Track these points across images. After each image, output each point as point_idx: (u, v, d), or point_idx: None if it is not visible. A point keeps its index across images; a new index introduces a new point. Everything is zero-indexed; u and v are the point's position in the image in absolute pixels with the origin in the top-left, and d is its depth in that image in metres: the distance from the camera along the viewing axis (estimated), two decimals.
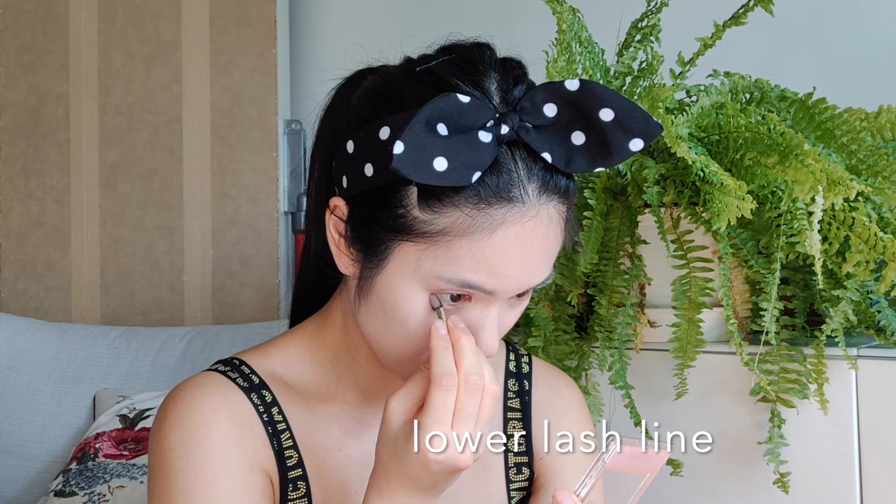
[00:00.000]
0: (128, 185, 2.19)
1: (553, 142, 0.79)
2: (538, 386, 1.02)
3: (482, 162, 0.77)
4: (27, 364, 1.94)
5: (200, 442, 0.85)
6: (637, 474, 0.77)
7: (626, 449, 0.74)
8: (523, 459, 0.99)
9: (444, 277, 0.79)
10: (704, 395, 1.26)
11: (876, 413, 1.17)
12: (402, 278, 0.81)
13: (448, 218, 0.79)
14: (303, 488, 0.89)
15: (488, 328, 0.82)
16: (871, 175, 1.20)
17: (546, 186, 0.80)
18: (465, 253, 0.79)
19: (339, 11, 2.24)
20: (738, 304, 1.28)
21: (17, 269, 2.22)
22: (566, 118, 0.79)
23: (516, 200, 0.79)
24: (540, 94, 0.79)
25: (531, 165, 0.79)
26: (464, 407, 0.77)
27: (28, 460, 1.88)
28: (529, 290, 0.85)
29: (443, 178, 0.76)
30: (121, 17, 2.21)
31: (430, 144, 0.75)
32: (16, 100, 2.24)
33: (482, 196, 0.78)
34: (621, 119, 0.78)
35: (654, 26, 1.33)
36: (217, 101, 2.16)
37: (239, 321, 2.12)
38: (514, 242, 0.79)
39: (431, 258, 0.80)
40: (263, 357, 0.94)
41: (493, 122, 0.78)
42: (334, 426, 0.92)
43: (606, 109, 0.78)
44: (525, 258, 0.80)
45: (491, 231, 0.78)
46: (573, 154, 0.79)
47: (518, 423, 1.00)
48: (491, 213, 0.78)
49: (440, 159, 0.75)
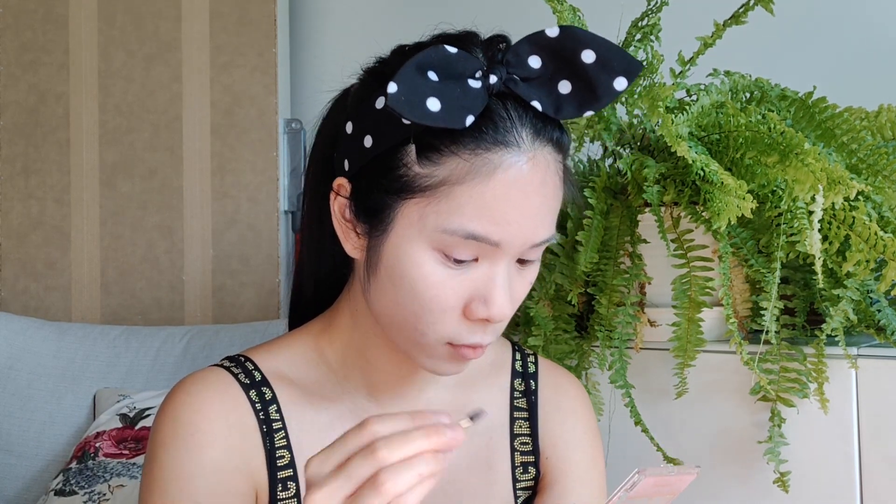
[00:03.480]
0: (128, 185, 2.19)
1: (541, 92, 0.81)
2: (544, 385, 1.03)
3: (474, 106, 0.79)
4: (27, 363, 1.94)
5: (187, 438, 0.87)
6: (660, 497, 0.77)
7: (651, 480, 0.73)
8: (529, 459, 0.99)
9: (448, 230, 0.80)
10: (704, 395, 1.26)
11: (876, 413, 1.17)
12: (408, 241, 0.82)
13: (447, 167, 0.80)
14: (293, 488, 0.89)
15: (499, 286, 0.82)
16: (872, 174, 1.20)
17: (539, 133, 0.82)
18: (466, 201, 0.79)
19: (339, 11, 2.24)
20: (738, 303, 1.28)
21: (17, 269, 2.22)
22: (552, 69, 0.81)
23: (512, 144, 0.80)
24: (523, 46, 0.82)
25: (522, 114, 0.81)
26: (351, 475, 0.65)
27: (28, 459, 1.88)
28: (536, 259, 0.85)
29: (437, 119, 0.77)
30: (121, 17, 2.21)
31: (423, 86, 0.77)
32: (16, 99, 2.24)
33: (478, 141, 0.80)
34: (603, 59, 0.80)
35: (655, 25, 1.33)
36: (217, 100, 2.16)
37: (239, 321, 2.12)
38: (513, 185, 0.80)
39: (434, 212, 0.80)
40: (269, 355, 0.94)
41: (482, 73, 0.80)
42: (337, 427, 0.92)
43: (588, 51, 0.80)
44: (526, 204, 0.81)
45: (489, 174, 0.79)
46: (561, 102, 0.81)
47: (524, 423, 1.00)
48: (488, 157, 0.80)
49: (433, 100, 0.77)
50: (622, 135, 1.34)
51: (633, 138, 1.35)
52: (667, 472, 0.74)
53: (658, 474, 0.73)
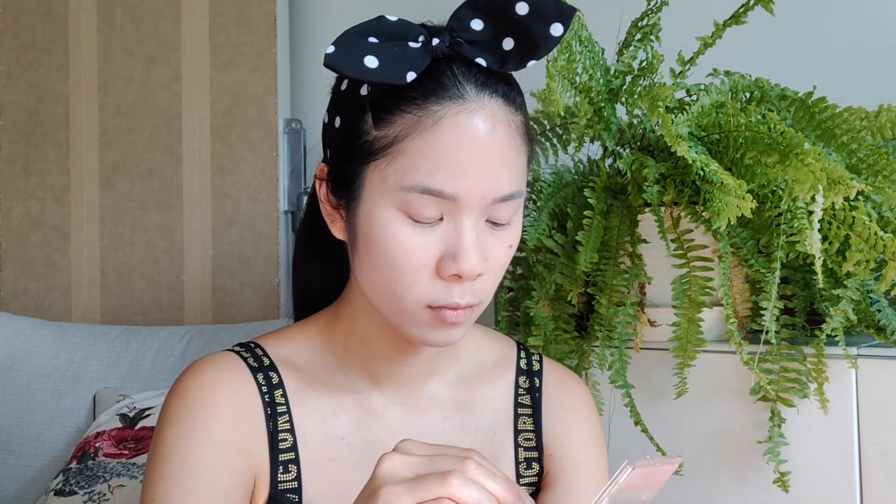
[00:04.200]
0: (128, 185, 2.19)
1: (486, 51, 0.84)
2: (548, 384, 1.03)
3: (416, 64, 0.82)
4: (27, 363, 1.94)
5: (193, 414, 0.89)
6: (647, 489, 0.78)
7: (640, 471, 0.74)
8: (533, 455, 1.00)
9: (405, 186, 0.82)
10: (704, 395, 1.26)
11: (876, 412, 1.17)
12: (376, 205, 0.84)
13: (398, 125, 0.83)
14: (294, 471, 0.91)
15: (465, 241, 0.83)
16: (872, 174, 1.20)
17: (484, 86, 0.84)
18: (418, 155, 0.82)
19: (339, 11, 2.24)
20: (738, 303, 1.28)
21: (17, 269, 2.22)
22: (494, 29, 0.84)
23: (455, 96, 0.83)
24: (464, 11, 0.84)
25: (466, 70, 0.84)
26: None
27: (28, 459, 1.87)
28: (509, 221, 0.86)
29: (375, 74, 0.81)
30: (120, 17, 2.21)
31: (361, 46, 0.81)
32: (16, 99, 2.24)
33: (424, 96, 0.83)
34: (536, 8, 0.83)
35: (655, 25, 1.33)
36: (217, 100, 2.16)
37: (239, 320, 2.12)
38: (461, 135, 0.82)
39: (393, 172, 0.83)
40: (278, 342, 0.97)
41: (425, 38, 0.84)
42: (340, 415, 0.94)
43: (521, 3, 0.83)
44: (478, 154, 0.82)
45: (435, 124, 0.82)
46: (506, 57, 0.84)
47: (528, 419, 1.01)
48: (433, 109, 0.82)
49: (370, 57, 0.81)
50: (622, 135, 1.34)
51: (633, 138, 1.35)
52: (654, 462, 0.75)
53: (647, 465, 0.74)
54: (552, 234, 1.32)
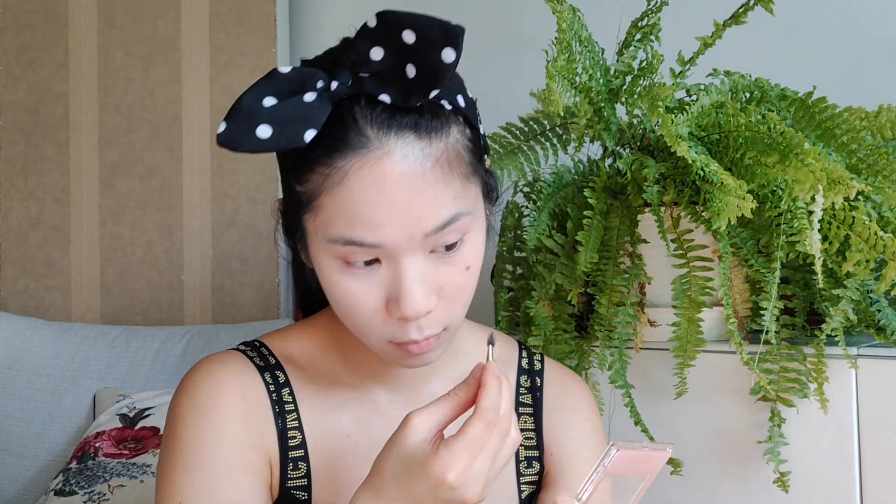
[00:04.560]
0: (127, 185, 2.19)
1: (389, 83, 0.80)
2: (549, 384, 1.03)
3: (314, 120, 0.78)
4: (27, 363, 1.94)
5: (206, 413, 0.89)
6: (638, 476, 0.78)
7: (626, 454, 0.75)
8: (534, 454, 1.00)
9: (331, 239, 0.81)
10: (704, 395, 1.26)
11: (876, 413, 1.17)
12: (316, 253, 0.84)
13: (311, 183, 0.81)
14: (303, 468, 0.91)
15: (405, 284, 0.81)
16: (872, 174, 1.20)
17: (390, 126, 0.80)
18: (333, 211, 0.80)
19: (339, 11, 2.24)
20: (738, 303, 1.28)
21: (17, 269, 2.22)
22: (395, 57, 0.79)
23: (357, 146, 0.79)
24: (361, 41, 0.80)
25: (369, 112, 0.80)
26: (492, 445, 0.77)
27: (28, 459, 1.87)
28: (458, 240, 0.83)
29: (271, 144, 0.78)
30: (120, 17, 2.21)
31: (254, 116, 0.78)
32: (15, 99, 2.24)
33: (328, 151, 0.80)
34: (423, 36, 0.78)
35: (654, 25, 1.33)
36: (216, 100, 2.16)
37: (239, 320, 2.12)
38: (370, 187, 0.79)
39: (320, 224, 0.81)
40: (283, 341, 0.97)
41: (323, 82, 0.80)
42: (345, 412, 0.94)
43: (407, 32, 0.78)
44: (391, 202, 0.79)
45: (341, 181, 0.79)
46: (409, 88, 0.79)
47: (529, 418, 1.01)
48: (338, 165, 0.79)
49: (263, 127, 0.78)
50: (622, 135, 1.34)
51: (633, 138, 1.35)
52: (640, 446, 0.75)
53: (632, 448, 0.75)
54: (552, 234, 1.32)
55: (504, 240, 1.44)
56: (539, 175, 1.41)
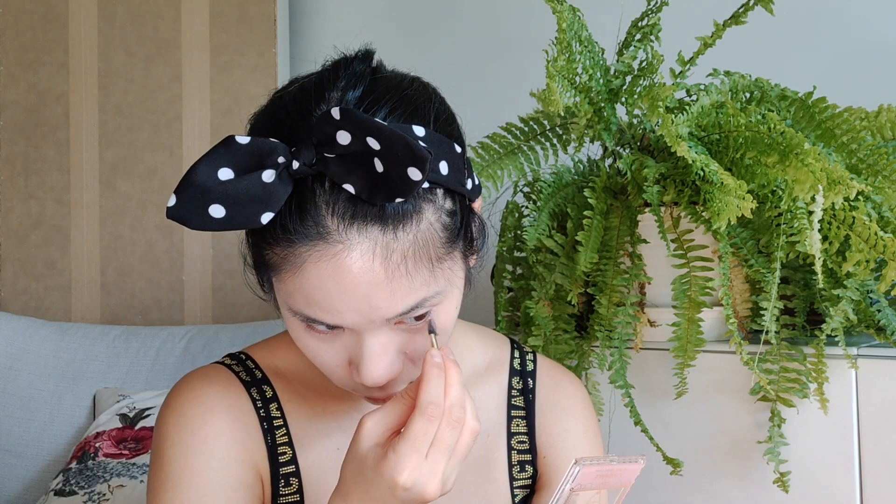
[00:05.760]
0: (127, 185, 2.19)
1: (356, 170, 0.73)
2: (542, 384, 1.02)
3: (270, 202, 0.73)
4: (27, 363, 1.94)
5: (194, 432, 0.87)
6: (608, 489, 0.78)
7: (591, 469, 0.74)
8: (527, 457, 0.99)
9: (292, 309, 0.78)
10: (704, 395, 1.26)
11: (876, 412, 1.17)
12: (280, 304, 0.80)
13: (272, 255, 0.76)
14: (295, 484, 0.90)
15: (365, 358, 0.78)
16: (872, 174, 1.20)
17: (354, 218, 0.74)
18: (293, 287, 0.76)
19: (339, 10, 2.24)
20: (738, 303, 1.28)
21: (18, 269, 2.22)
22: (362, 144, 0.72)
23: (317, 237, 0.74)
24: (329, 119, 0.73)
25: (332, 198, 0.74)
26: (442, 438, 0.75)
27: (28, 459, 1.88)
28: (438, 311, 0.79)
29: (224, 224, 0.73)
30: (120, 17, 2.21)
31: (208, 192, 0.72)
32: (16, 99, 2.24)
33: (287, 234, 0.74)
34: (387, 149, 0.71)
35: (655, 25, 1.33)
36: (217, 100, 2.16)
37: (239, 320, 2.12)
38: (327, 279, 0.74)
39: (282, 291, 0.78)
40: (269, 353, 0.96)
41: (284, 159, 0.73)
42: (334, 425, 0.93)
43: (370, 139, 0.71)
44: (352, 292, 0.74)
45: (299, 268, 0.75)
46: (377, 183, 0.72)
47: (521, 421, 1.00)
48: (295, 251, 0.74)
49: (216, 207, 0.72)
50: (622, 135, 1.34)
51: (633, 138, 1.35)
52: (607, 460, 0.75)
53: (598, 463, 0.74)
54: (552, 234, 1.32)
55: (504, 240, 1.44)
56: (539, 175, 1.41)
